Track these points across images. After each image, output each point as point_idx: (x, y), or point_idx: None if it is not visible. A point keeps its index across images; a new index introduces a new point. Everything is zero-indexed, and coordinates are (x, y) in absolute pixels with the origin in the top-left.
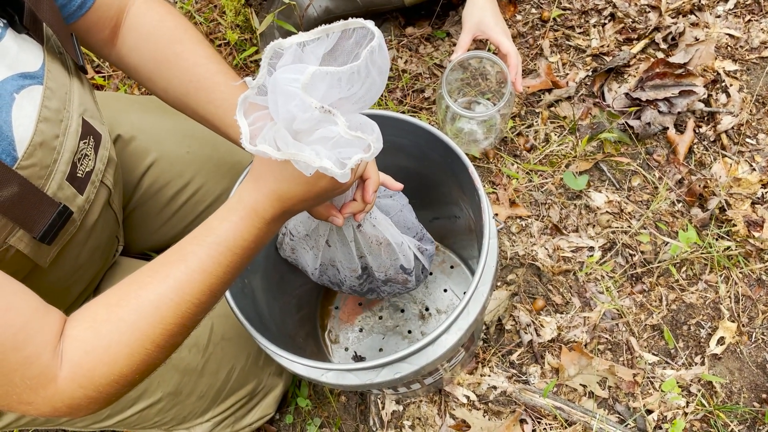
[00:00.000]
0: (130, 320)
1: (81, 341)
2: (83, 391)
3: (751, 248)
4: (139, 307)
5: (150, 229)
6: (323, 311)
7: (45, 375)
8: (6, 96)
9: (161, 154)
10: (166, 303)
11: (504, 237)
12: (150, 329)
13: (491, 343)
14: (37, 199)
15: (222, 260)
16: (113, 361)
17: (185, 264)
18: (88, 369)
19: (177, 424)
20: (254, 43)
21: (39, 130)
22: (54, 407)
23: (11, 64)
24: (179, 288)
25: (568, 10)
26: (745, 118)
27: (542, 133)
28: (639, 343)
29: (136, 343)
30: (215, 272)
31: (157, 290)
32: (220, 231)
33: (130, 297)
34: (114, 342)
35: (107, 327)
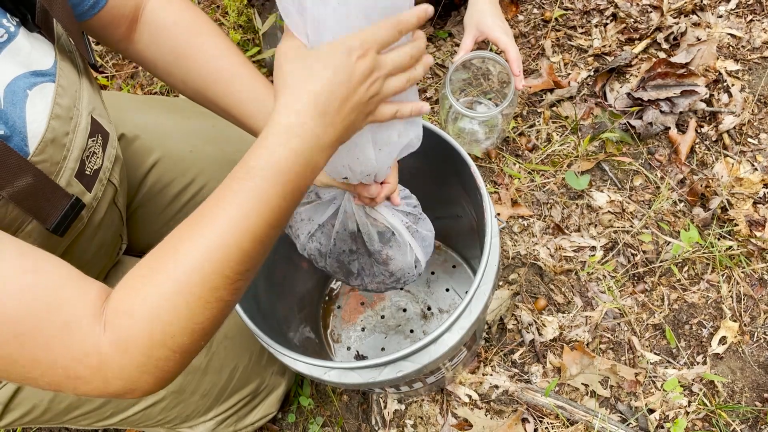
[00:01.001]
0: (168, 274)
1: (121, 302)
2: (130, 358)
3: (752, 248)
4: (176, 260)
5: (153, 228)
6: (325, 311)
7: (88, 342)
8: (20, 93)
9: (165, 153)
10: (204, 253)
11: (506, 236)
12: (189, 283)
13: (493, 342)
14: (50, 191)
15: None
16: (154, 319)
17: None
18: (130, 331)
19: (180, 423)
20: (257, 43)
21: (51, 127)
22: (106, 380)
23: (24, 62)
24: (217, 233)
25: (569, 10)
26: (746, 117)
27: (544, 133)
28: (641, 342)
29: (177, 299)
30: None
31: (192, 241)
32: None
33: (169, 253)
34: (152, 299)
35: (145, 285)
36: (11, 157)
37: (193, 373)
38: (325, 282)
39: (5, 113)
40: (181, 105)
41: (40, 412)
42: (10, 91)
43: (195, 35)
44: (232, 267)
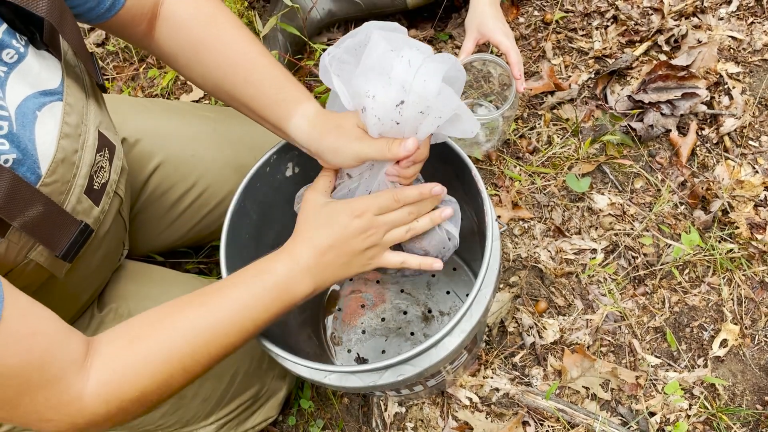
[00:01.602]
0: (162, 342)
1: (111, 358)
2: (106, 408)
3: (753, 251)
4: (173, 331)
5: (154, 232)
6: (326, 313)
7: (70, 393)
8: (29, 114)
9: (166, 157)
10: (200, 331)
11: (507, 239)
12: (180, 353)
13: (494, 345)
14: (60, 219)
15: (259, 299)
16: (140, 376)
17: (224, 297)
18: (116, 386)
19: (180, 427)
20: None
21: (60, 147)
22: (74, 423)
23: (33, 83)
24: (214, 318)
25: (570, 13)
26: (747, 120)
27: (545, 136)
28: (641, 345)
29: (164, 365)
30: (251, 309)
31: (193, 317)
32: (261, 271)
33: (167, 320)
34: (143, 361)
35: (138, 346)
36: (22, 188)
37: None
38: None
39: (17, 136)
40: (183, 108)
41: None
42: (21, 113)
43: (213, 27)
44: (217, 348)
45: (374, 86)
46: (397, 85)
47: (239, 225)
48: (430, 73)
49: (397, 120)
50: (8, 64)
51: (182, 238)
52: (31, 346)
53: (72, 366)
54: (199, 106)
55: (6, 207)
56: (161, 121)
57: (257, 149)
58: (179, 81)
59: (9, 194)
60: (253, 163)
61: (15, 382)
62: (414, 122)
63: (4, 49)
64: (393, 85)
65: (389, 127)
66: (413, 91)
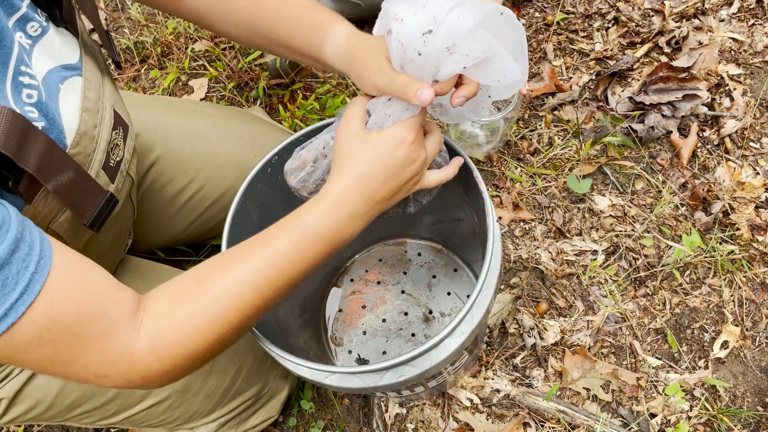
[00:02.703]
0: (210, 297)
1: (162, 313)
2: (159, 364)
3: (754, 252)
4: (221, 286)
5: (155, 226)
6: (327, 314)
7: (122, 347)
8: (53, 87)
9: (165, 150)
10: (247, 284)
11: (507, 240)
12: (228, 308)
13: (495, 346)
14: (88, 186)
15: (305, 247)
16: (191, 334)
17: (270, 247)
18: (167, 341)
19: (182, 423)
20: None
21: (83, 120)
22: (129, 379)
23: (55, 56)
24: (261, 270)
25: (571, 14)
26: (748, 122)
27: (546, 137)
28: (642, 346)
29: (214, 320)
30: (296, 259)
31: (239, 271)
32: (306, 219)
33: (213, 276)
34: (193, 317)
35: (188, 303)
36: (55, 151)
37: (199, 373)
38: (326, 285)
39: (46, 106)
40: (184, 105)
41: (44, 408)
42: (46, 84)
43: None
44: (265, 301)
45: (405, 10)
46: (429, 14)
47: (240, 225)
48: (467, 12)
49: (420, 50)
50: (32, 37)
51: (182, 233)
52: (83, 295)
53: (124, 320)
54: (200, 104)
55: (41, 169)
56: (162, 116)
57: (258, 146)
58: (180, 82)
59: (44, 156)
60: (254, 159)
61: (69, 333)
62: (437, 58)
63: (28, 22)
64: (425, 13)
65: (411, 57)
66: (444, 23)
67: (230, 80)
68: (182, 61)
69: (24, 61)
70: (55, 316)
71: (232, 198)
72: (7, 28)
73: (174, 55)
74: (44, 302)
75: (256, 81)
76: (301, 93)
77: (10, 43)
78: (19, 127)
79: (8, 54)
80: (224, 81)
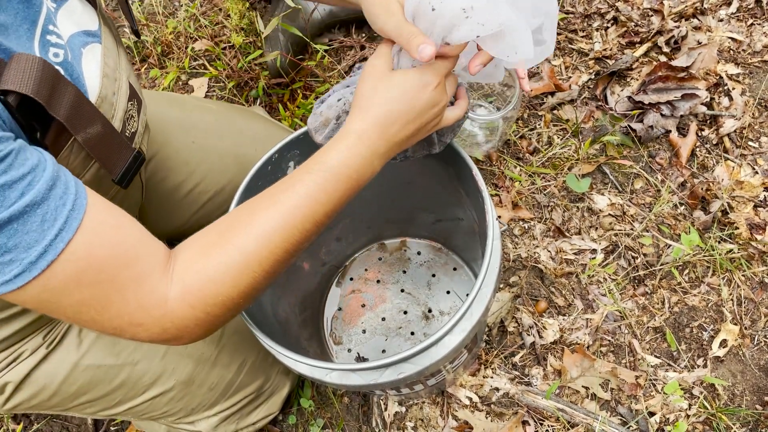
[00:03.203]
0: (239, 243)
1: (192, 262)
2: (193, 312)
3: (753, 251)
4: (248, 231)
5: (154, 219)
6: (326, 312)
7: (156, 294)
8: (76, 50)
9: (166, 142)
10: (274, 227)
11: (507, 239)
12: (257, 253)
13: (494, 344)
14: (117, 141)
15: (328, 187)
16: (222, 281)
17: (293, 190)
18: (198, 289)
19: (184, 416)
20: (259, 46)
21: (103, 84)
22: (164, 328)
23: (78, 21)
24: (287, 213)
25: (571, 14)
26: (747, 121)
27: (545, 136)
28: (641, 345)
29: (244, 266)
30: (321, 199)
31: (266, 215)
32: (327, 158)
33: (241, 221)
34: (223, 263)
35: (217, 249)
36: (85, 103)
37: (203, 365)
38: (326, 284)
39: (71, 65)
40: (185, 99)
41: (48, 395)
42: (70, 47)
43: None
44: (294, 244)
45: None
46: None
47: None
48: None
49: (435, 5)
50: (57, 1)
51: (183, 225)
52: (118, 239)
53: (158, 266)
54: (202, 99)
55: (71, 119)
56: (163, 110)
57: (259, 141)
58: (180, 81)
59: (74, 107)
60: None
61: (106, 276)
62: (450, 19)
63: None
64: None
65: (424, 10)
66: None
67: (230, 80)
68: (182, 61)
69: (51, 20)
70: (92, 257)
71: (232, 192)
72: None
73: (174, 55)
74: (82, 241)
75: (255, 80)
76: (300, 92)
77: (39, 4)
78: (50, 77)
79: (37, 13)
80: (224, 80)
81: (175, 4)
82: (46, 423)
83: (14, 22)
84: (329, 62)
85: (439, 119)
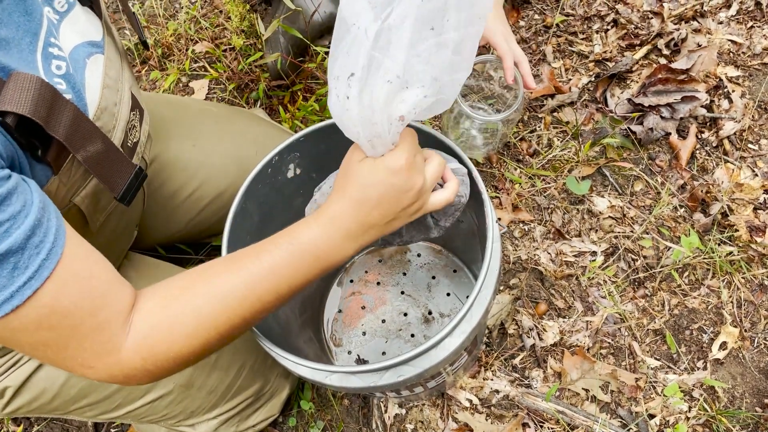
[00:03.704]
0: (197, 304)
1: (150, 315)
2: (143, 364)
3: (753, 253)
4: (208, 293)
5: (155, 222)
6: (326, 314)
7: (112, 343)
8: (80, 61)
9: (166, 145)
10: (234, 294)
11: (507, 241)
12: (214, 316)
13: (494, 347)
14: (117, 158)
15: (294, 263)
16: (175, 340)
17: (258, 260)
18: (152, 344)
19: (184, 419)
20: (259, 48)
21: (104, 96)
22: (112, 374)
23: (82, 32)
24: (249, 282)
25: (571, 16)
26: (747, 123)
27: (545, 138)
28: (641, 347)
29: (199, 327)
30: (285, 274)
31: (228, 281)
32: (298, 234)
33: (202, 282)
34: (179, 322)
35: (175, 306)
36: (84, 122)
37: (203, 368)
38: (326, 286)
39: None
40: (186, 102)
41: (48, 398)
42: (73, 59)
43: None
44: (252, 313)
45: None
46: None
47: (241, 226)
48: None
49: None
50: (60, 13)
51: (183, 229)
52: (88, 289)
53: (119, 316)
54: (203, 102)
55: (70, 138)
56: (163, 113)
57: (259, 143)
58: (181, 83)
59: (73, 125)
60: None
61: (68, 323)
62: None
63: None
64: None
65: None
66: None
67: (231, 82)
68: (183, 63)
69: (53, 33)
70: (57, 305)
71: (232, 195)
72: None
73: (175, 57)
74: (50, 289)
75: (256, 82)
76: (301, 94)
77: (39, 16)
78: (48, 96)
79: (38, 25)
80: (225, 82)
81: (175, 6)
82: (46, 425)
83: (16, 35)
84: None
85: (421, 203)
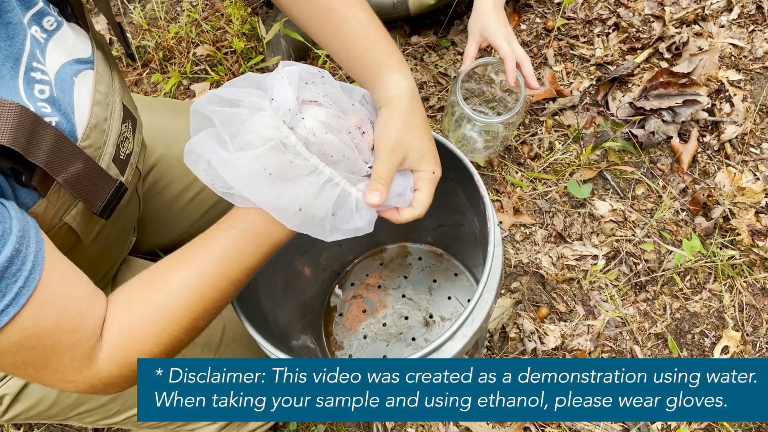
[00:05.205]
0: (158, 301)
1: (117, 321)
2: (119, 370)
3: (755, 257)
4: (164, 290)
5: (156, 227)
6: (327, 318)
7: (90, 356)
8: (68, 80)
9: (167, 151)
10: (189, 286)
11: (508, 245)
12: (174, 312)
13: (495, 350)
14: (97, 175)
15: (239, 246)
16: (143, 341)
17: (206, 249)
18: (124, 348)
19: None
20: (261, 51)
21: (93, 113)
22: (91, 384)
23: (69, 50)
24: (201, 273)
25: (572, 20)
26: (748, 127)
27: (546, 142)
28: (643, 351)
29: (164, 323)
30: (234, 257)
31: (181, 274)
32: (238, 215)
33: (159, 279)
34: (145, 322)
35: (138, 307)
36: (65, 144)
37: None
38: (326, 289)
39: (58, 100)
40: (187, 107)
41: (47, 405)
42: (60, 78)
43: None
44: (211, 302)
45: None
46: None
47: None
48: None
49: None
50: (48, 32)
51: (185, 233)
52: (65, 308)
53: (95, 330)
54: None
55: (51, 162)
56: (164, 118)
57: None
58: (182, 86)
59: (53, 149)
60: None
61: (47, 342)
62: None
63: (45, 16)
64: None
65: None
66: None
67: None
68: (184, 66)
69: (36, 56)
70: (37, 327)
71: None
72: (21, 25)
73: (176, 60)
74: (29, 314)
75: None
76: None
77: (22, 40)
78: (27, 123)
79: (20, 50)
80: None
81: (177, 9)
82: (46, 429)
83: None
84: (331, 68)
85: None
